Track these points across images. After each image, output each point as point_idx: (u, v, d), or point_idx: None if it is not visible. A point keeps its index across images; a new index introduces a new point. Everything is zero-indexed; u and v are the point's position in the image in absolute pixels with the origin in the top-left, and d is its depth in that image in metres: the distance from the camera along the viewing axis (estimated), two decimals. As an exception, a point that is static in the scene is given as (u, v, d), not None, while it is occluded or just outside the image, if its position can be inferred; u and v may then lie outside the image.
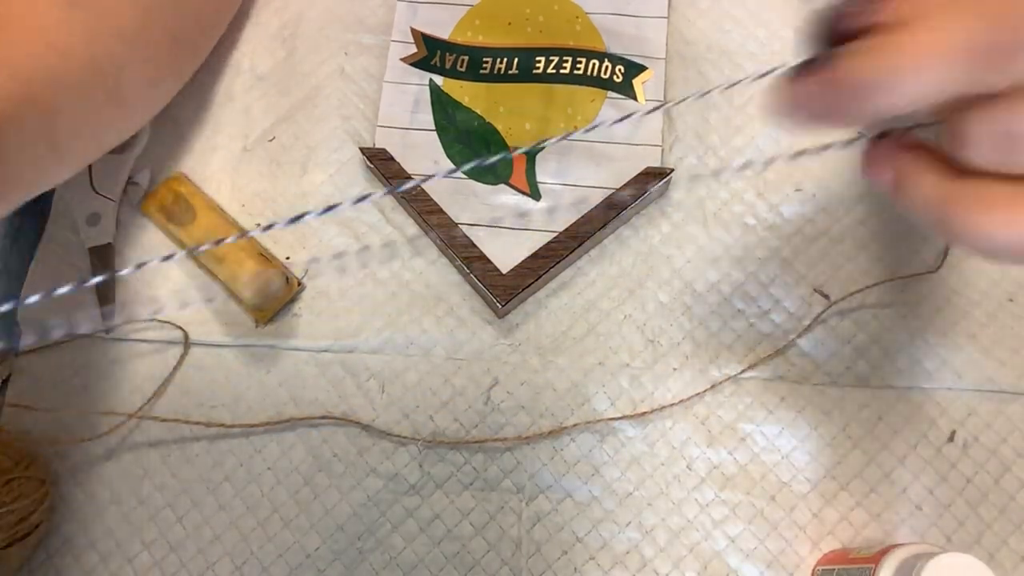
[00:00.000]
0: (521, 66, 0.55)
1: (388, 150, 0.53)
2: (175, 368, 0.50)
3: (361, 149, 0.53)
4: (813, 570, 0.45)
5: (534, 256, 0.50)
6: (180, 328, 0.51)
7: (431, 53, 0.55)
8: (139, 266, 0.28)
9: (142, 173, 0.54)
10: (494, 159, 0.31)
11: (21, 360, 0.51)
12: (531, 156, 0.53)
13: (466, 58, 0.55)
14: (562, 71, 0.54)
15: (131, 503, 0.48)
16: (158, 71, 0.48)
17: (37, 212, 0.54)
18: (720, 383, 0.49)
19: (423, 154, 0.53)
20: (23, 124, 0.36)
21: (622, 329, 0.50)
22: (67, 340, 0.50)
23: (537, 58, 0.55)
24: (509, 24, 0.56)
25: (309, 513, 0.47)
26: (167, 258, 0.28)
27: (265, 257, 0.50)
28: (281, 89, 0.56)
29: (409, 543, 0.47)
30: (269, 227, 0.28)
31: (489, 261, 0.50)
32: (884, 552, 0.40)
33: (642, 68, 0.54)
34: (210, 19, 0.52)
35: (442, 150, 0.53)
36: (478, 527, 0.47)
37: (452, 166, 0.53)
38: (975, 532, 0.46)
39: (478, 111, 0.54)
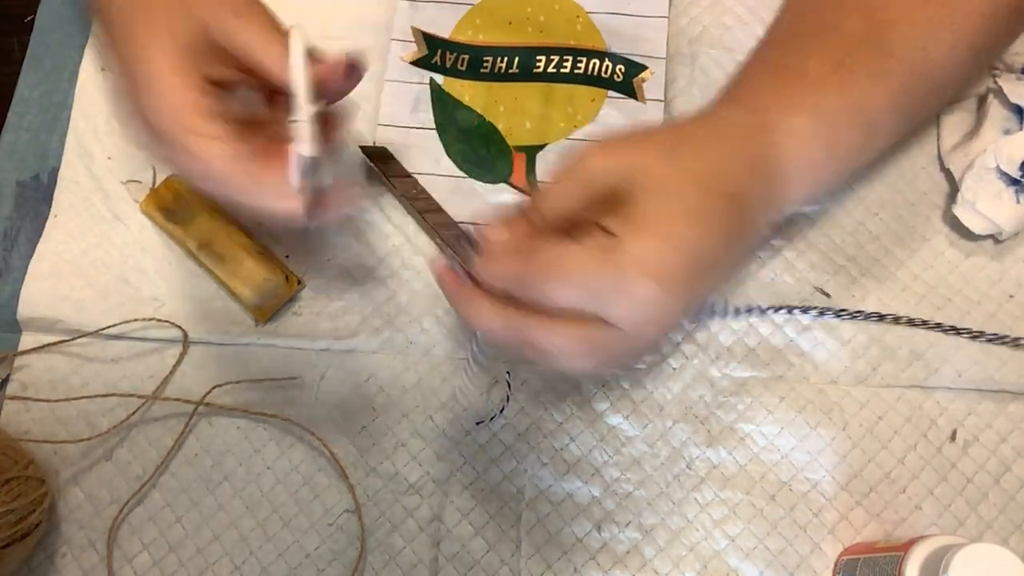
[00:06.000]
0: (522, 65, 0.54)
1: (389, 149, 0.53)
2: (174, 367, 0.50)
3: (361, 148, 0.53)
4: (836, 561, 0.45)
5: (534, 256, 0.50)
6: (179, 327, 0.50)
7: (432, 52, 0.55)
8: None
9: (144, 172, 0.54)
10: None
11: (21, 360, 0.51)
12: (531, 155, 0.53)
13: (467, 57, 0.55)
14: (563, 70, 0.54)
15: (131, 503, 0.48)
16: None
17: (37, 212, 0.54)
18: (720, 383, 0.49)
19: (423, 153, 0.53)
20: None
21: (622, 329, 0.50)
22: (67, 339, 0.50)
23: (538, 57, 0.54)
24: (510, 23, 0.56)
25: (309, 513, 0.47)
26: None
27: (265, 256, 0.50)
28: (281, 88, 0.56)
29: (409, 543, 0.47)
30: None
31: (489, 261, 0.50)
32: (913, 542, 0.40)
33: (643, 67, 0.54)
34: None
35: (442, 149, 0.53)
36: (478, 527, 0.47)
37: (452, 164, 0.53)
38: (976, 531, 0.46)
39: (478, 110, 0.54)
